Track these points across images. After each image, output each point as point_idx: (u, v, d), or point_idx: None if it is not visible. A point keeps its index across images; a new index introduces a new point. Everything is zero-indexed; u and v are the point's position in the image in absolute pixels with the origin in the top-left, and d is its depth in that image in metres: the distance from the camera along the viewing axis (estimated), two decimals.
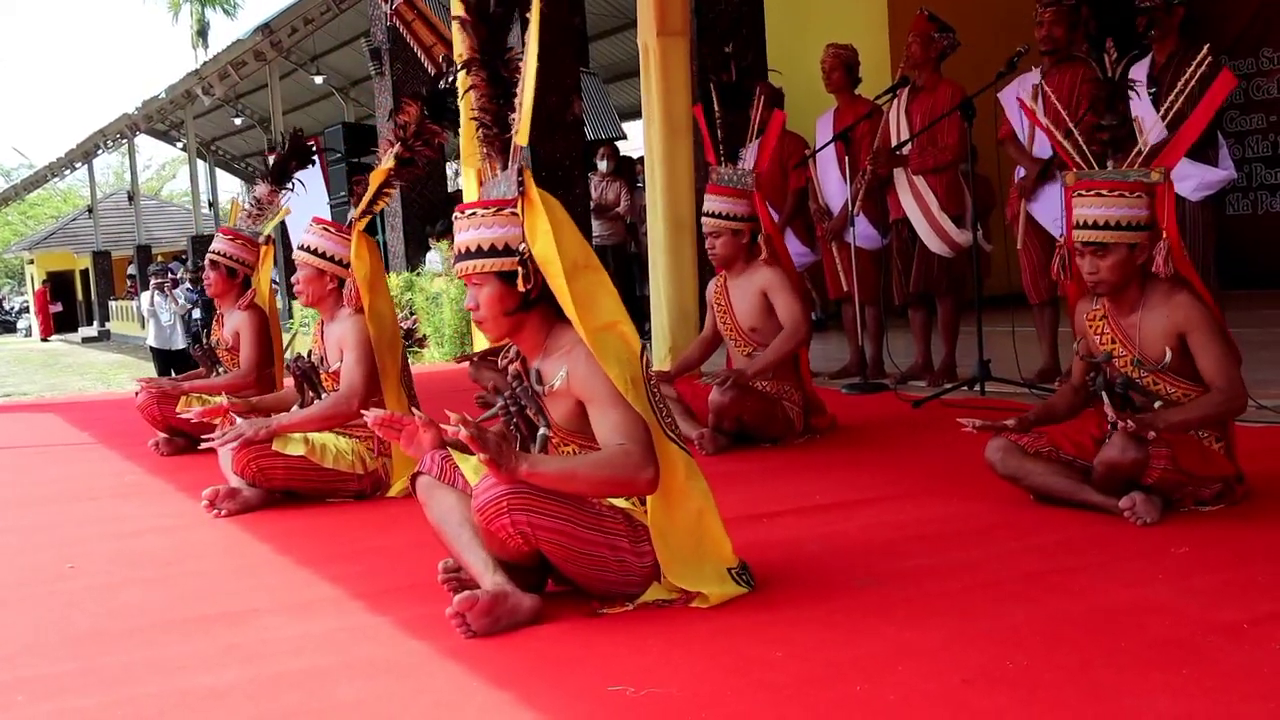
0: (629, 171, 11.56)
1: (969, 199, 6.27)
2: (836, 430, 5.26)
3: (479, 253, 2.74)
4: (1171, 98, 3.50)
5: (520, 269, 2.69)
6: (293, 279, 4.47)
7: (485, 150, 2.83)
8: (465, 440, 2.50)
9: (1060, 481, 3.52)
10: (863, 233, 6.69)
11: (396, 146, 4.30)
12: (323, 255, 4.37)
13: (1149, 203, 3.39)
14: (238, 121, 27.33)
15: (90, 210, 34.36)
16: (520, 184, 2.72)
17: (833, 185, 6.86)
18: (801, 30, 11.34)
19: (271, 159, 5.81)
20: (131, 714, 2.31)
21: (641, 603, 2.74)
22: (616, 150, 12.05)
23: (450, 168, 20.06)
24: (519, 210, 2.72)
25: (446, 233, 13.95)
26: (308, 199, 6.50)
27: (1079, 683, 2.19)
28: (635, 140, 17.10)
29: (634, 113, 17.73)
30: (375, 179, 4.38)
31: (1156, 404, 3.42)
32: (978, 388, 5.87)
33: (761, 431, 4.99)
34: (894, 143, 6.44)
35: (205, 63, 22.81)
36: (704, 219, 5.07)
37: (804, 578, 2.98)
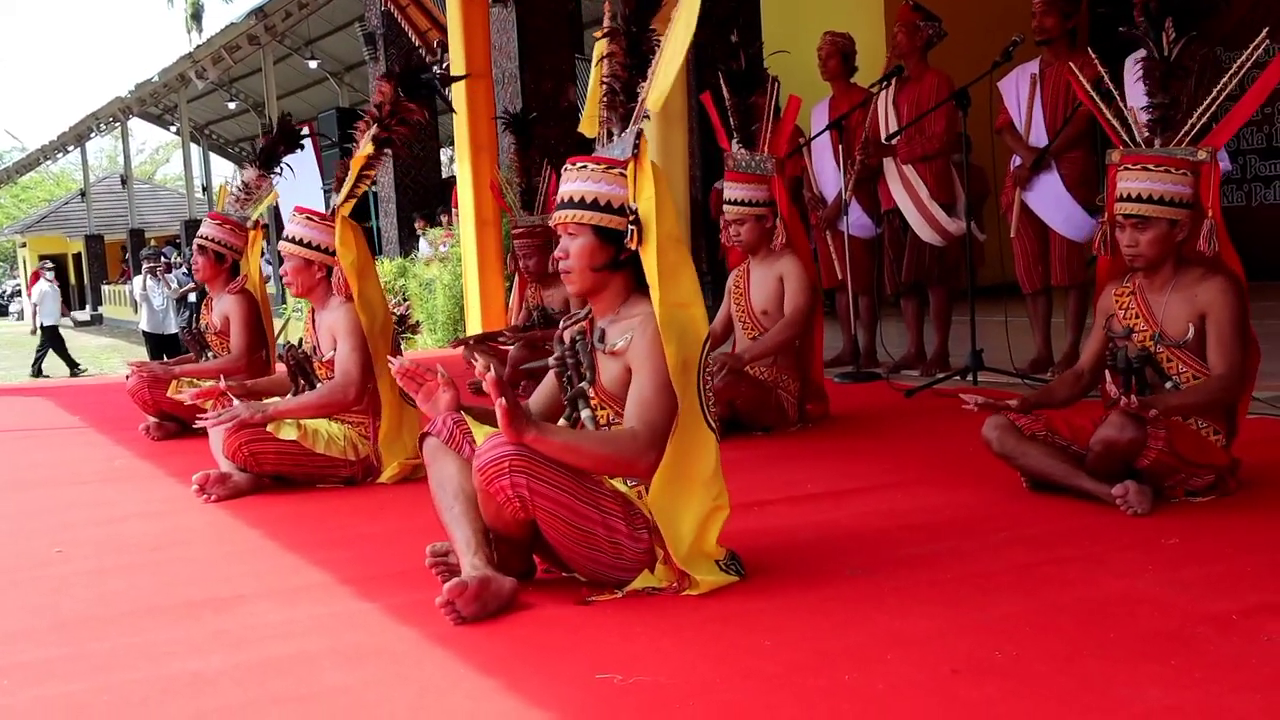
0: None
1: (960, 188, 6.27)
2: (829, 419, 5.26)
3: (582, 204, 2.78)
4: (1225, 80, 3.52)
5: (631, 227, 2.72)
6: (281, 270, 4.45)
7: (605, 115, 2.88)
8: (489, 387, 2.51)
9: (1054, 465, 3.52)
10: (856, 221, 6.69)
11: (373, 128, 4.27)
12: (308, 245, 4.33)
13: (1193, 181, 3.41)
14: (231, 106, 27.27)
15: (83, 194, 34.30)
16: (636, 147, 2.76)
17: (827, 174, 6.85)
18: (797, 19, 11.32)
19: (260, 143, 5.79)
20: (118, 699, 2.29)
21: (630, 590, 2.74)
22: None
23: (445, 154, 20.02)
24: (629, 172, 2.76)
25: (433, 220, 13.93)
26: (301, 184, 6.48)
27: (1068, 673, 2.18)
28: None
29: None
30: (355, 164, 4.36)
31: (1167, 384, 3.42)
32: (970, 377, 5.87)
33: (754, 419, 4.98)
34: (883, 133, 6.43)
35: (199, 46, 22.75)
36: (726, 207, 5.07)
37: (794, 566, 2.97)
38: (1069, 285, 5.86)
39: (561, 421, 2.90)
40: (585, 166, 2.82)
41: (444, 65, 4.36)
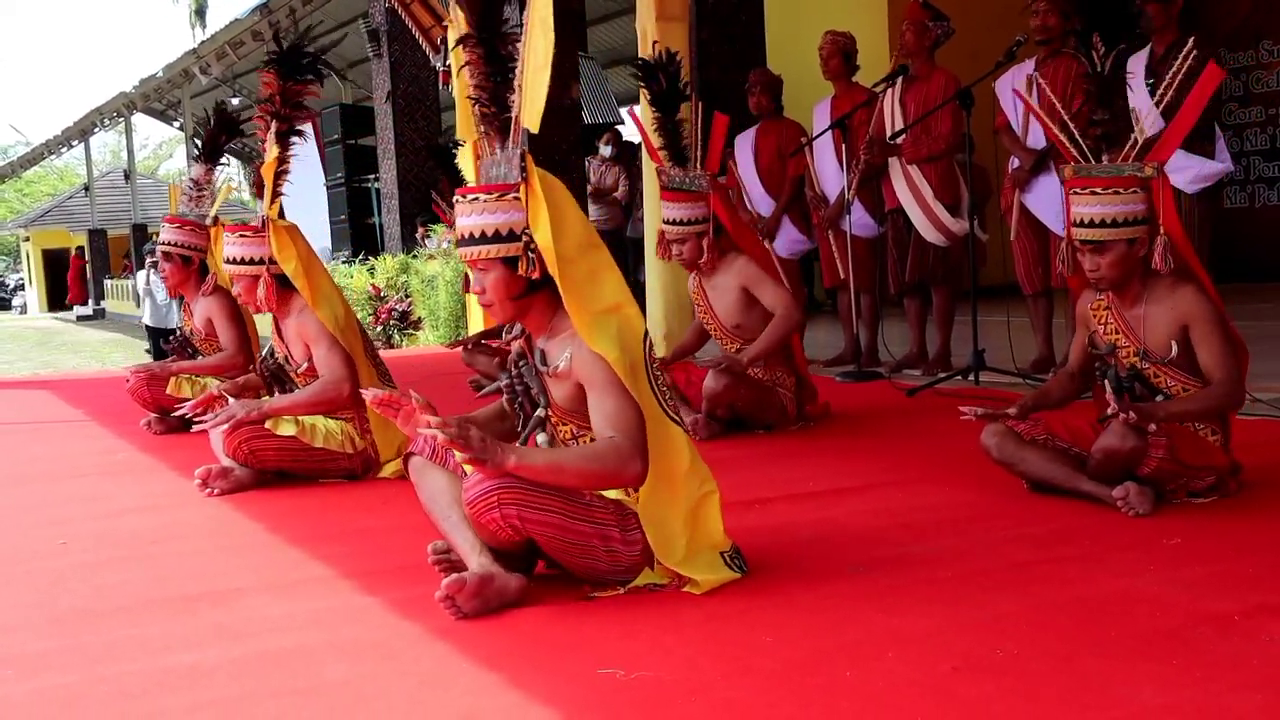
0: (629, 157, 11.55)
1: (964, 188, 6.26)
2: (830, 418, 5.25)
3: (483, 238, 2.71)
4: (1162, 90, 3.49)
5: (524, 255, 2.67)
6: (234, 293, 4.40)
7: (482, 128, 2.79)
8: (444, 445, 2.48)
9: (1055, 469, 3.51)
10: (859, 221, 6.69)
11: (273, 124, 4.22)
12: (248, 262, 4.28)
13: (1145, 197, 3.37)
14: (235, 101, 27.23)
15: (86, 188, 34.26)
16: (523, 169, 2.69)
17: (830, 173, 6.85)
18: (800, 17, 11.32)
19: (199, 141, 5.61)
20: (115, 691, 2.29)
21: (633, 587, 2.74)
22: (620, 135, 12.03)
23: None
24: (521, 195, 2.70)
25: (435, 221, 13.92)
26: (303, 180, 6.45)
27: (1067, 671, 2.18)
28: (633, 126, 17.06)
29: (632, 98, 17.69)
30: (268, 172, 4.28)
31: (1158, 397, 3.42)
32: (972, 377, 5.86)
33: (755, 418, 4.98)
34: (888, 132, 6.43)
35: (203, 42, 22.74)
36: (665, 227, 5.01)
37: (795, 564, 2.97)
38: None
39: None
40: (477, 199, 2.72)
41: (446, 62, 4.34)
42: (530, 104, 2.69)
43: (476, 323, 9.85)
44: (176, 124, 32.04)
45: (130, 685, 2.32)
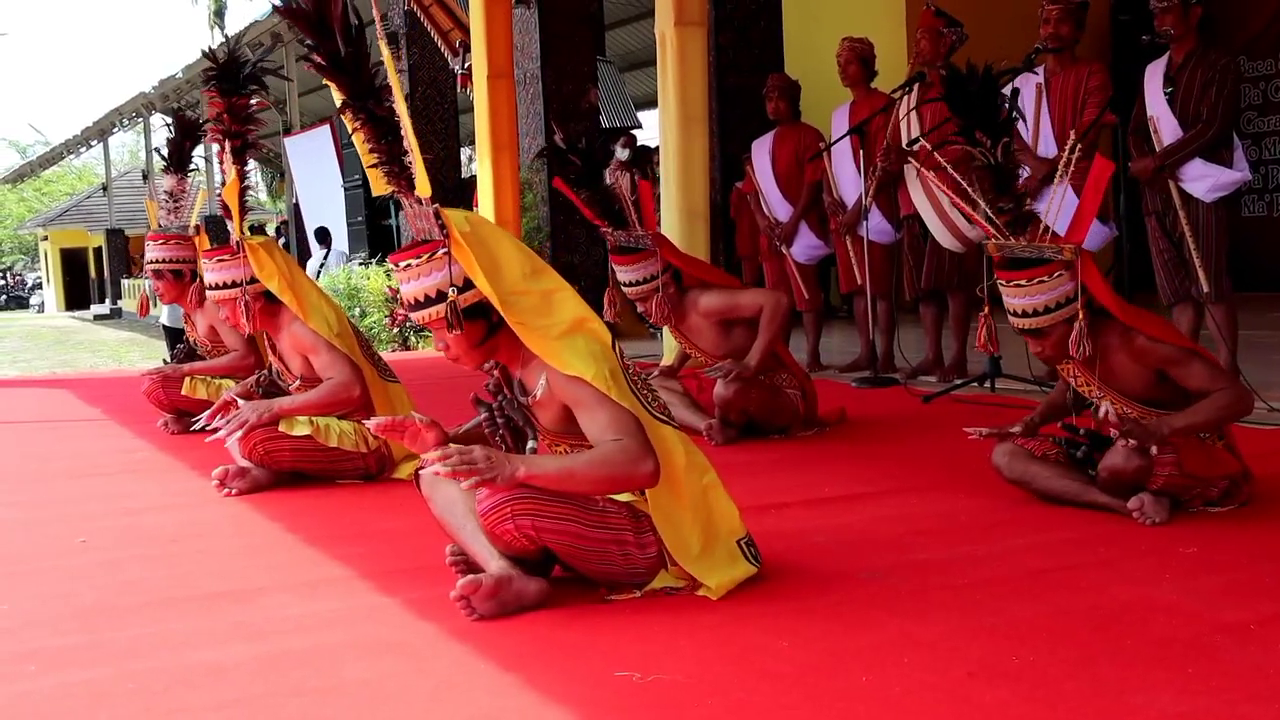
0: (644, 161, 11.57)
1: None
2: (846, 423, 5.26)
3: (426, 302, 2.72)
4: (1059, 170, 3.49)
5: (449, 314, 2.67)
6: (222, 318, 4.41)
7: (395, 186, 2.79)
8: (450, 475, 2.49)
9: (1067, 484, 3.52)
10: (876, 227, 6.69)
11: (225, 143, 4.22)
12: (227, 285, 4.32)
13: (1071, 274, 3.33)
14: (253, 103, 27.34)
15: (105, 188, 34.42)
16: (441, 227, 2.68)
17: (847, 179, 6.86)
18: (818, 22, 11.31)
19: (166, 150, 5.60)
20: (137, 688, 2.32)
21: (649, 590, 2.75)
22: (635, 140, 12.05)
23: (465, 153, 20.03)
24: (449, 252, 2.69)
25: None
26: (320, 183, 6.45)
27: (1082, 678, 2.19)
28: (651, 129, 17.08)
29: (650, 102, 17.70)
30: (230, 194, 4.29)
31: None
32: (988, 384, 5.86)
33: (768, 422, 4.99)
34: (904, 139, 6.43)
35: (222, 43, 22.81)
36: (626, 289, 5.04)
37: (810, 569, 2.98)
38: None
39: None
40: (409, 265, 2.72)
41: (465, 65, 4.36)
42: (420, 176, 2.71)
43: None
44: None
45: (152, 682, 2.34)
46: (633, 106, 14.74)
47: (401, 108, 2.73)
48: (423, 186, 2.70)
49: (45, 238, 40.25)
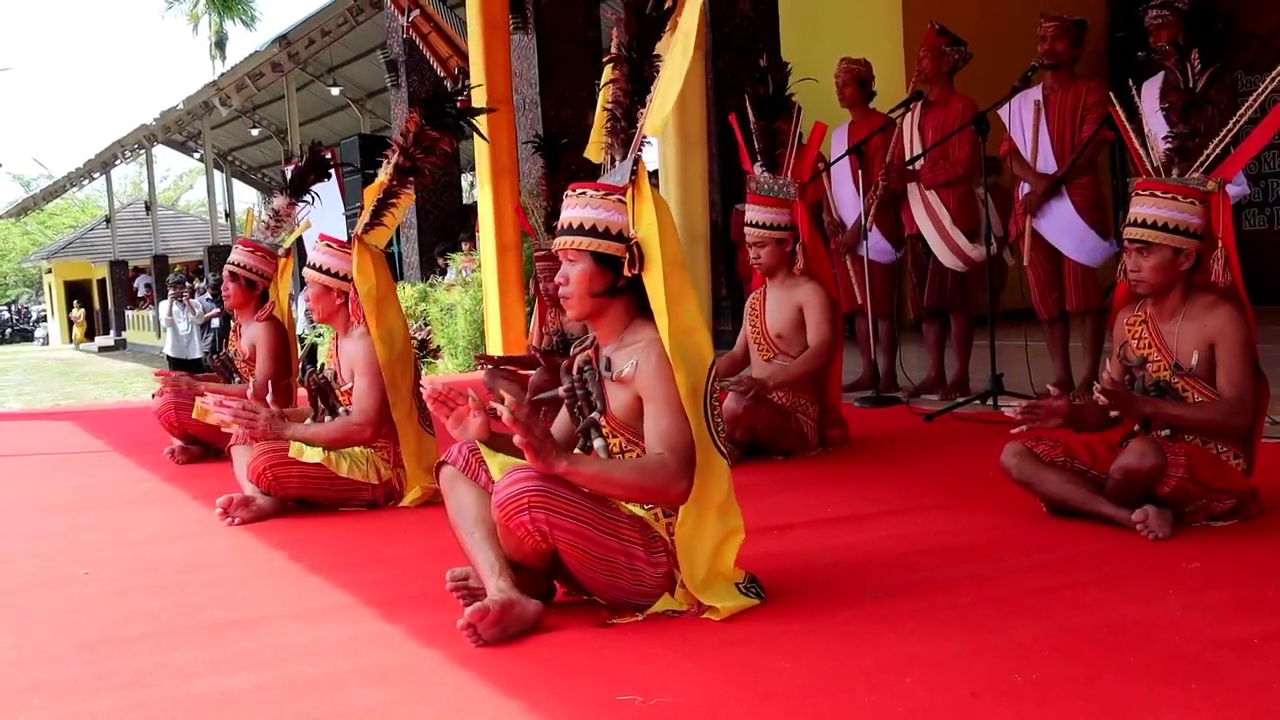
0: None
1: (984, 214, 6.27)
2: (849, 443, 5.26)
3: (580, 230, 2.80)
4: (1240, 111, 3.53)
5: (627, 254, 2.75)
6: (304, 295, 4.48)
7: (609, 141, 2.91)
8: (510, 424, 2.53)
9: (1073, 491, 3.52)
10: (876, 246, 6.71)
11: (396, 155, 4.32)
12: (326, 271, 4.38)
13: (1203, 211, 3.41)
14: (255, 132, 27.48)
15: (108, 220, 34.54)
16: (634, 173, 2.78)
17: (846, 199, 6.88)
18: (816, 43, 11.35)
19: (289, 170, 5.81)
20: (143, 718, 2.32)
21: (651, 613, 2.75)
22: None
23: (465, 179, 20.12)
24: (628, 199, 2.78)
25: (455, 247, 14.00)
26: (324, 209, 6.50)
27: (1087, 696, 2.19)
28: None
29: None
30: (370, 193, 4.39)
31: None
32: (990, 402, 5.86)
33: (774, 443, 4.99)
34: (906, 157, 6.45)
35: (223, 74, 22.97)
36: (747, 229, 5.11)
37: (813, 589, 2.98)
38: (1084, 311, 5.85)
39: (577, 451, 2.89)
40: (584, 193, 2.83)
41: (465, 92, 4.40)
42: (656, 111, 2.81)
43: (495, 350, 9.91)
44: (196, 155, 32.33)
45: (159, 712, 2.35)
46: None
47: (680, 54, 2.81)
48: (655, 126, 2.82)
49: (49, 270, 40.38)
